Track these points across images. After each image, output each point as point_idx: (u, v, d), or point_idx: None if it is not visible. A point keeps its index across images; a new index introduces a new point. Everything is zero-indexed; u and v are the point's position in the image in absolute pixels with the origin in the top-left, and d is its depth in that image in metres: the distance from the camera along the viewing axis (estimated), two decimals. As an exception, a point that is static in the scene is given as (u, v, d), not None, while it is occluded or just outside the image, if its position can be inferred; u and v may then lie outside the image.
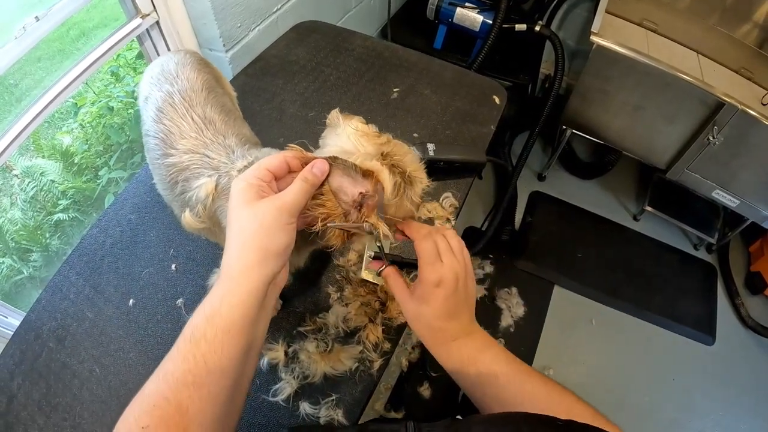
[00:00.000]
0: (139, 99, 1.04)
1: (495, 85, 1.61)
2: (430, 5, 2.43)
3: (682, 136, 2.31)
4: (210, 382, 0.57)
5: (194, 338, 0.58)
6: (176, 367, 0.57)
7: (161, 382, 0.57)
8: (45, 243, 2.32)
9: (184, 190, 0.89)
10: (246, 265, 0.60)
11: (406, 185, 0.73)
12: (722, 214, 2.90)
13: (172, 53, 1.08)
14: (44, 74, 2.01)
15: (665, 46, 2.51)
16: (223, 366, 0.58)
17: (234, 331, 0.58)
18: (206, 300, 0.60)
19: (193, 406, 0.56)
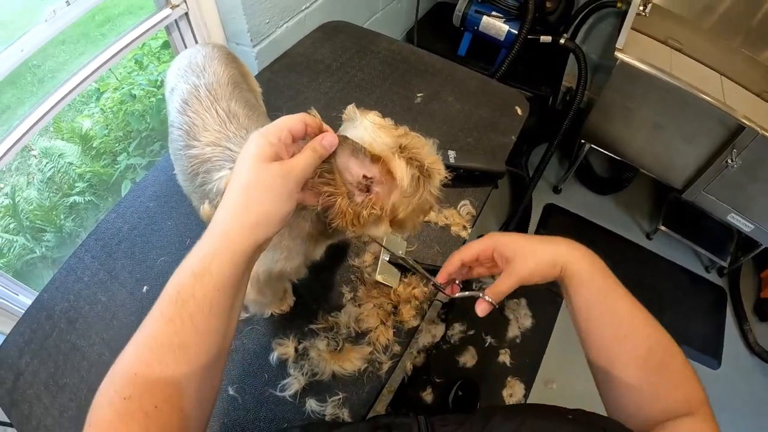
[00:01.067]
0: (166, 89, 1.05)
1: (518, 95, 1.61)
2: (457, 12, 2.43)
3: (701, 157, 2.30)
4: (196, 342, 0.56)
5: (181, 298, 0.56)
6: (160, 330, 0.55)
7: (142, 348, 0.55)
8: (59, 224, 2.34)
9: (204, 182, 0.89)
10: (243, 225, 0.59)
11: (425, 178, 0.73)
12: (736, 238, 2.87)
13: (200, 46, 1.09)
14: (67, 57, 2.03)
15: (689, 66, 2.50)
16: (209, 326, 0.57)
17: (223, 289, 0.57)
18: (192, 257, 0.58)
19: (178, 370, 0.55)
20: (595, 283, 0.75)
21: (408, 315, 1.12)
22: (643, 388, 0.68)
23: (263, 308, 1.08)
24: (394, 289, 1.15)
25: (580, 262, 0.76)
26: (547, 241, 0.79)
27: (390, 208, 0.72)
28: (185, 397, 0.55)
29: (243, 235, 0.58)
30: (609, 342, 0.73)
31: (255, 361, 1.07)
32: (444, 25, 2.58)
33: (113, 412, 0.52)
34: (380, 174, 0.69)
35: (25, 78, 2.02)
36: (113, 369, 0.55)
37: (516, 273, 0.77)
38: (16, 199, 2.28)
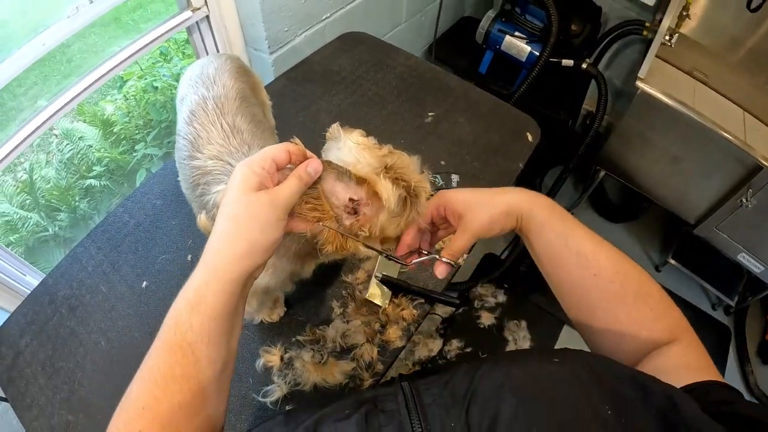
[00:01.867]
0: (177, 97, 1.07)
1: (530, 121, 1.61)
2: (480, 29, 2.43)
3: (716, 194, 2.27)
4: (198, 372, 0.57)
5: (180, 329, 0.57)
6: (162, 361, 0.57)
7: (147, 382, 0.57)
8: (74, 205, 2.38)
9: (203, 193, 0.91)
10: (233, 255, 0.59)
11: (412, 198, 0.74)
12: (745, 278, 2.83)
13: (213, 57, 1.11)
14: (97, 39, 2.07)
15: (712, 99, 2.47)
16: (210, 354, 0.58)
17: (219, 318, 0.58)
18: (188, 287, 0.59)
19: (184, 400, 0.56)
20: (555, 227, 0.74)
21: (394, 335, 1.13)
22: (623, 323, 0.68)
23: (251, 315, 1.10)
24: (383, 308, 1.16)
25: (538, 209, 0.74)
26: (499, 192, 0.76)
27: (378, 228, 0.72)
28: (194, 422, 0.57)
29: (233, 265, 0.59)
30: (581, 287, 0.72)
31: (241, 364, 1.09)
32: (467, 40, 2.58)
33: None
34: (366, 196, 0.69)
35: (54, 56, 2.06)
36: (122, 404, 0.57)
37: (470, 227, 0.74)
38: (33, 176, 2.32)
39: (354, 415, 0.54)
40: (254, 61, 1.76)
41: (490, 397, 0.51)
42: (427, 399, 0.55)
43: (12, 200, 2.28)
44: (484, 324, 2.45)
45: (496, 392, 0.51)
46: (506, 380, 0.52)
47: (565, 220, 0.74)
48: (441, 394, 0.55)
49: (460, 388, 0.54)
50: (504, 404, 0.49)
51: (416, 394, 0.56)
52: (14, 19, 1.33)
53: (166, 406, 0.55)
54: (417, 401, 0.55)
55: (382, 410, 0.55)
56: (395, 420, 0.53)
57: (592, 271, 0.70)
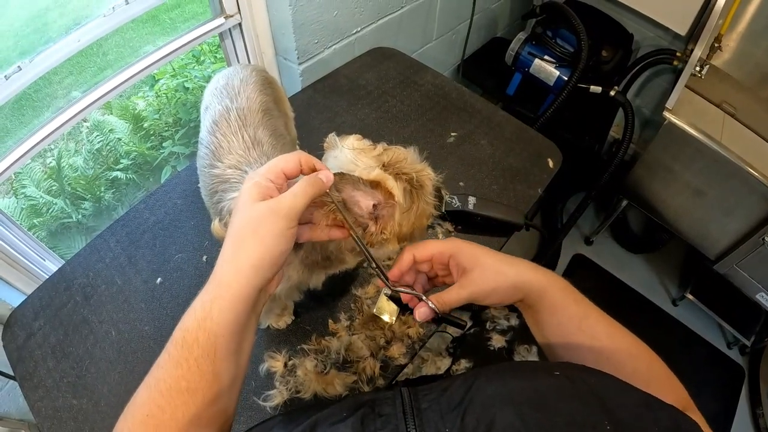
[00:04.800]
0: (201, 106, 1.10)
1: (552, 147, 1.60)
2: (510, 51, 2.43)
3: (738, 231, 2.25)
4: (204, 386, 0.57)
5: (186, 343, 0.57)
6: (168, 373, 0.57)
7: (153, 391, 0.57)
8: (99, 195, 2.43)
9: (220, 200, 0.93)
10: (237, 270, 0.59)
11: (416, 189, 0.74)
12: (763, 318, 2.78)
13: (240, 67, 1.13)
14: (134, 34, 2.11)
15: (740, 134, 2.44)
16: (216, 370, 0.57)
17: (226, 334, 0.57)
18: (197, 303, 0.59)
19: (188, 412, 0.56)
20: (569, 309, 0.71)
21: (398, 352, 1.14)
22: None
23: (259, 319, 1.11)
24: (389, 324, 1.17)
25: (552, 290, 0.72)
26: (509, 262, 0.73)
27: (396, 227, 0.73)
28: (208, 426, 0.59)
29: (239, 282, 0.58)
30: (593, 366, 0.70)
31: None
32: (497, 61, 2.58)
33: None
34: (383, 197, 0.70)
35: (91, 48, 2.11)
36: (128, 409, 0.58)
37: (471, 286, 0.70)
38: (61, 163, 2.37)
39: (350, 418, 0.53)
40: (283, 71, 1.78)
41: (486, 405, 0.50)
42: (424, 404, 0.54)
43: (39, 185, 2.33)
44: (495, 346, 2.43)
45: (493, 401, 0.51)
46: (504, 390, 0.52)
47: (580, 303, 0.72)
48: (438, 400, 0.54)
49: (456, 394, 0.53)
50: (500, 413, 0.49)
51: (414, 399, 0.55)
52: (55, 8, 1.37)
53: (170, 416, 0.55)
54: (414, 406, 0.54)
55: (379, 414, 0.54)
56: (391, 423, 0.53)
57: (605, 354, 0.69)
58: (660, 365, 0.70)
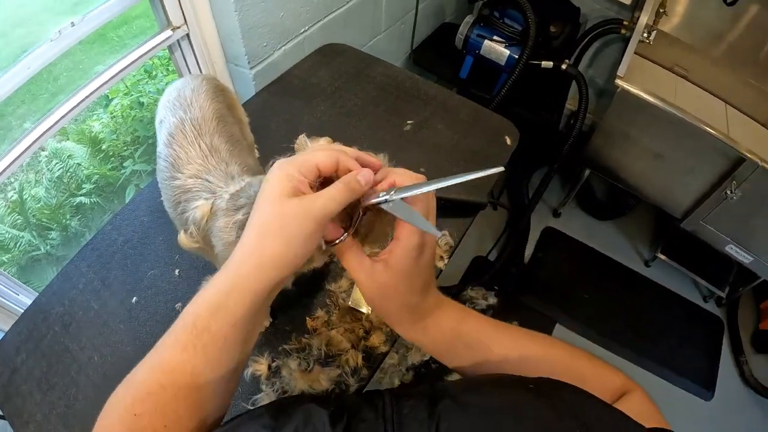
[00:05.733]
0: (156, 120, 1.10)
1: (508, 125, 1.62)
2: (459, 35, 2.45)
3: (701, 188, 2.30)
4: (208, 371, 0.56)
5: (196, 329, 0.56)
6: (174, 356, 0.56)
7: (157, 372, 0.56)
8: (65, 223, 2.40)
9: (184, 210, 0.94)
10: (258, 266, 0.56)
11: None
12: (735, 269, 2.86)
13: (190, 78, 1.13)
14: (83, 56, 2.08)
15: (694, 94, 2.50)
16: (222, 357, 0.57)
17: (238, 325, 0.56)
18: (211, 288, 0.57)
19: (189, 395, 0.56)
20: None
21: (378, 341, 1.15)
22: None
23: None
24: (366, 314, 1.18)
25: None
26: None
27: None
28: (194, 419, 0.57)
29: (257, 277, 0.56)
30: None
31: (230, 374, 1.11)
32: (448, 46, 2.60)
33: (122, 427, 0.55)
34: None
35: (41, 75, 2.08)
36: (126, 384, 0.58)
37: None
38: (23, 196, 2.34)
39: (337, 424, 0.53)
40: (235, 77, 1.78)
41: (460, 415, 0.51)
42: (405, 410, 0.54)
43: (3, 220, 2.29)
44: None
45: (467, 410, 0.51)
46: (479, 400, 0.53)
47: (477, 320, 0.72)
48: (418, 407, 0.54)
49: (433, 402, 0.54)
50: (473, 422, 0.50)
51: (396, 405, 0.55)
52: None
53: (171, 396, 0.55)
54: (395, 410, 0.54)
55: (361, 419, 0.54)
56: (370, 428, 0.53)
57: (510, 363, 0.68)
58: (583, 361, 0.70)
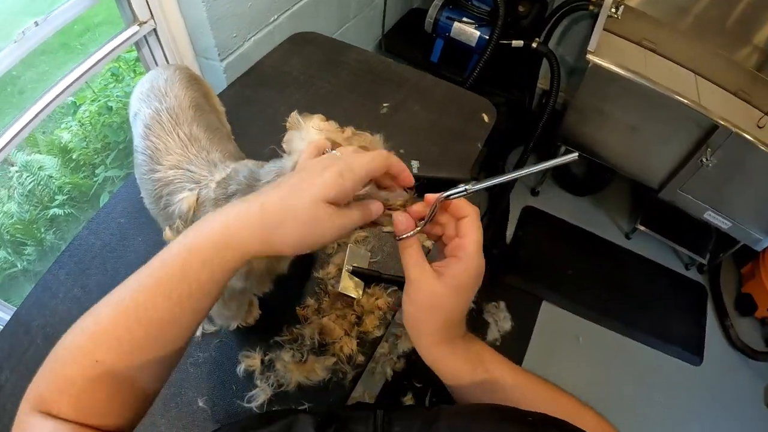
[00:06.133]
0: (129, 113, 1.07)
1: (485, 102, 1.63)
2: (428, 18, 2.44)
3: (676, 157, 2.33)
4: (185, 322, 0.55)
5: (186, 278, 0.53)
6: (153, 301, 0.53)
7: (131, 317, 0.52)
8: (40, 237, 2.35)
9: (167, 204, 0.91)
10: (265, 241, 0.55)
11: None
12: (715, 235, 2.91)
13: (162, 69, 1.10)
14: (47, 67, 2.04)
15: (663, 66, 2.52)
16: (200, 307, 0.55)
17: (224, 282, 0.55)
18: (205, 240, 0.54)
19: (161, 342, 0.54)
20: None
21: (371, 325, 1.14)
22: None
23: (229, 321, 1.09)
24: (357, 300, 1.17)
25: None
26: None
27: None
28: (158, 366, 0.55)
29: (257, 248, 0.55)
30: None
31: (223, 373, 1.08)
32: (418, 31, 2.59)
33: (79, 372, 0.52)
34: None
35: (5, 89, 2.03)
36: (89, 326, 0.54)
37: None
38: (-3, 213, 2.29)
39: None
40: (205, 70, 1.75)
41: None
42: (396, 428, 0.53)
43: (-24, 239, 2.24)
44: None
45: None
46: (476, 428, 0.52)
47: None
48: (410, 427, 0.53)
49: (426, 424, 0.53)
50: None
51: (387, 423, 0.54)
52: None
53: (139, 345, 0.53)
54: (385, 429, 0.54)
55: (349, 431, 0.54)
56: None
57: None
58: (590, 416, 0.68)
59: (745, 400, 2.56)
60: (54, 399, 0.52)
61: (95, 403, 0.52)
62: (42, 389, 0.53)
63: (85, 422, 0.52)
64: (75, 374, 0.52)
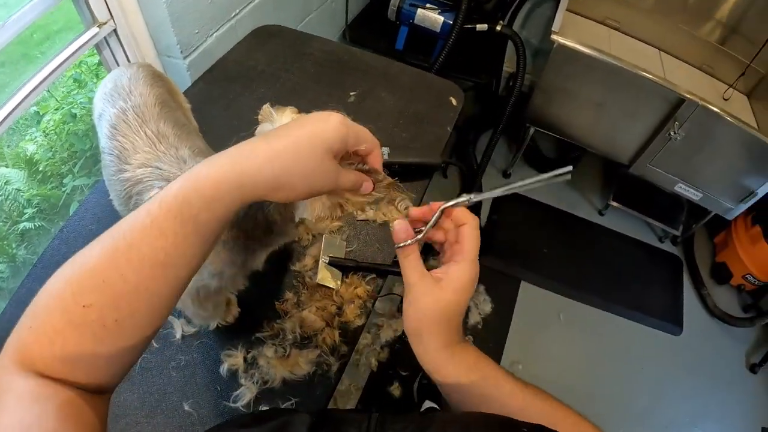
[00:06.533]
0: (94, 115, 1.04)
1: (452, 86, 1.63)
2: (391, 6, 2.43)
3: (644, 132, 2.36)
4: (179, 265, 0.52)
5: (183, 217, 0.51)
6: (147, 241, 0.50)
7: (121, 257, 0.50)
8: (11, 253, 2.30)
9: (137, 204, 0.89)
10: (271, 183, 0.54)
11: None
12: (686, 207, 2.95)
13: (125, 67, 1.08)
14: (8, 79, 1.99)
15: (627, 44, 2.56)
16: (196, 252, 0.53)
17: (224, 222, 0.54)
18: (206, 181, 0.52)
19: (152, 288, 0.51)
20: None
21: (352, 315, 1.13)
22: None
23: (207, 321, 1.08)
24: (336, 290, 1.16)
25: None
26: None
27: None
28: (148, 315, 0.53)
29: (261, 190, 0.54)
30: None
31: (206, 374, 1.07)
32: (381, 20, 2.58)
33: (65, 320, 0.49)
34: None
35: (-34, 102, 1.99)
36: (73, 268, 0.51)
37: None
38: (-36, 231, 2.24)
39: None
40: (169, 69, 1.72)
41: None
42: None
43: (-54, 260, 2.19)
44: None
45: None
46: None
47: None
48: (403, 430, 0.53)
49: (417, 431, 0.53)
50: None
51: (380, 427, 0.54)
52: None
53: (132, 289, 0.50)
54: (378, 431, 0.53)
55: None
56: None
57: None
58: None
59: (728, 366, 2.62)
60: (38, 351, 0.49)
61: (82, 356, 0.50)
62: (25, 340, 0.50)
63: (72, 378, 0.50)
64: (61, 322, 0.49)
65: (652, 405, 2.42)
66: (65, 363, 0.49)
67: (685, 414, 2.42)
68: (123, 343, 0.52)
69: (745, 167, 2.25)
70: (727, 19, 2.38)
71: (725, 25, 2.40)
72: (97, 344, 0.50)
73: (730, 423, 2.44)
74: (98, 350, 0.50)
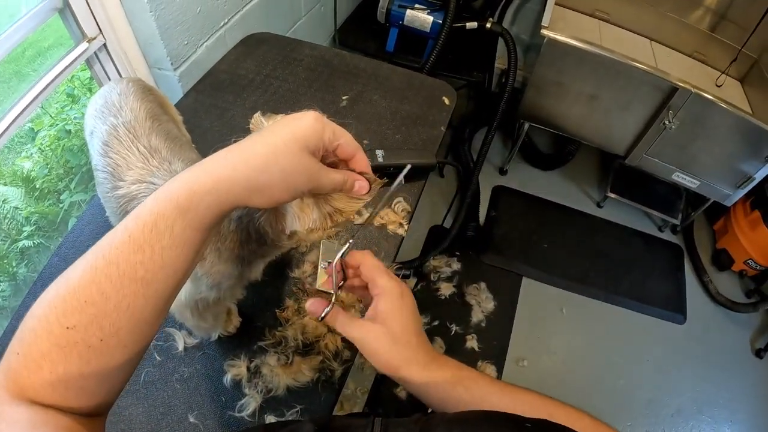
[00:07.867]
0: (85, 133, 1.04)
1: (444, 85, 1.63)
2: (380, 8, 2.44)
3: (639, 122, 2.36)
4: (160, 279, 0.51)
5: (158, 229, 0.50)
6: (125, 257, 0.49)
7: (100, 274, 0.49)
8: (12, 272, 2.29)
9: (133, 220, 0.89)
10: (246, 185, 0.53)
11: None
12: (684, 195, 2.96)
13: (115, 83, 1.08)
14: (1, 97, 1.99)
15: (618, 35, 2.56)
16: (176, 266, 0.52)
17: (203, 231, 0.53)
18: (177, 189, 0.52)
19: (134, 304, 0.50)
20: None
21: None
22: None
23: (208, 332, 1.08)
24: (336, 295, 1.16)
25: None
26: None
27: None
28: (132, 332, 0.52)
29: (236, 195, 0.53)
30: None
31: (210, 385, 1.07)
32: (371, 22, 2.59)
33: (51, 343, 0.48)
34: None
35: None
36: (58, 289, 0.50)
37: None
38: (-37, 251, 2.23)
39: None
40: (160, 81, 1.72)
41: None
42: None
43: (-54, 280, 2.19)
44: (445, 294, 2.48)
45: None
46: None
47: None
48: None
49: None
50: None
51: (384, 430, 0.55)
52: None
53: (114, 306, 0.49)
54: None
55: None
56: None
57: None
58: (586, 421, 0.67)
59: (733, 352, 2.62)
60: (27, 377, 0.49)
61: (71, 379, 0.49)
62: (14, 366, 0.49)
63: (63, 403, 0.50)
64: (47, 345, 0.49)
65: (659, 394, 2.42)
66: (55, 387, 0.49)
67: (692, 402, 2.42)
68: (110, 362, 0.51)
69: (741, 153, 2.25)
70: (716, 5, 2.39)
71: (714, 11, 2.40)
72: (84, 365, 0.50)
73: (737, 409, 2.43)
74: (86, 371, 0.50)
